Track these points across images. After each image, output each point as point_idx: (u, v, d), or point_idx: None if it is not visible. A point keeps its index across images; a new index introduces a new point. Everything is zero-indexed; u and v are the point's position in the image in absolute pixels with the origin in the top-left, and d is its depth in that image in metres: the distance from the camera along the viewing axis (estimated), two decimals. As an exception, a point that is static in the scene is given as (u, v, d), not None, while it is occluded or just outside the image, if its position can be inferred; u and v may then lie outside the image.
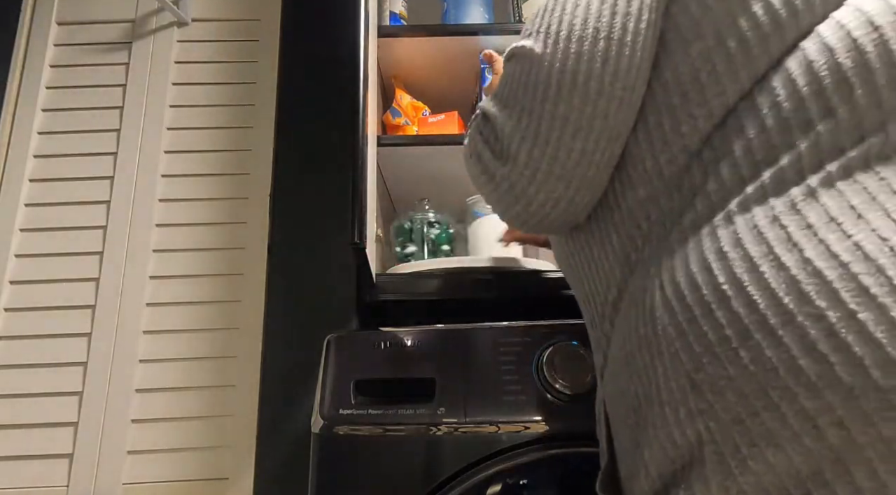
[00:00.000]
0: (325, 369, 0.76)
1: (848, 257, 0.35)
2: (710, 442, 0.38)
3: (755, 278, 0.38)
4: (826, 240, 0.36)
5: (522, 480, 0.68)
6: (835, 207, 0.37)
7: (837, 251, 0.35)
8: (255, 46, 1.36)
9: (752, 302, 0.37)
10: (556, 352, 0.74)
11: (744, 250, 0.39)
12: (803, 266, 0.36)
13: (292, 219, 1.20)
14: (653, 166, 0.47)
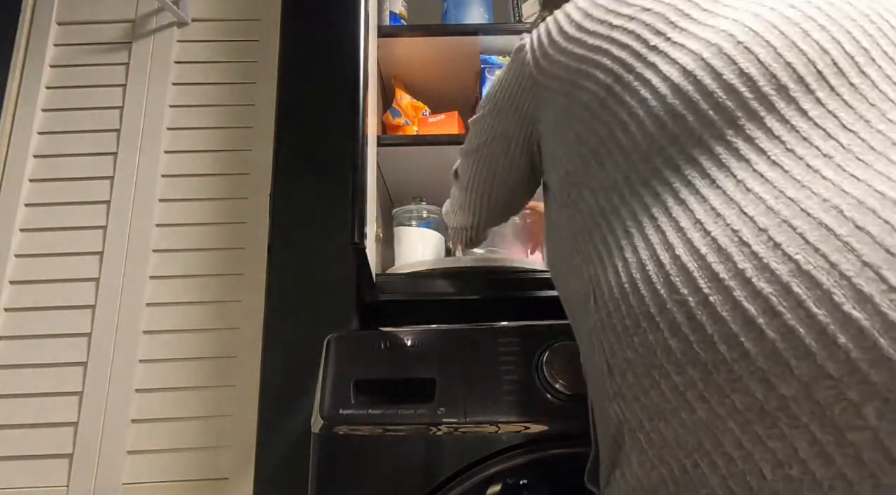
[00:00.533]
0: (325, 369, 0.76)
1: (705, 250, 0.39)
2: (625, 421, 0.43)
3: (643, 276, 0.42)
4: (692, 239, 0.41)
5: (522, 480, 0.68)
6: (699, 210, 0.42)
7: (699, 246, 0.40)
8: (255, 46, 1.36)
9: (640, 295, 0.42)
10: (556, 352, 0.74)
11: (637, 255, 0.44)
12: (673, 261, 0.41)
13: (292, 219, 1.19)
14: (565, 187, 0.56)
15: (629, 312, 0.42)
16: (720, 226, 0.40)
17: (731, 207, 0.40)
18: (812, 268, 0.34)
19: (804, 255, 0.35)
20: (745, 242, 0.38)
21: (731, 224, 0.39)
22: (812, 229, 0.35)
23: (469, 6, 1.25)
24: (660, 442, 0.39)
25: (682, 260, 0.40)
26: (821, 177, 0.37)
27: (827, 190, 0.36)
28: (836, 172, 0.37)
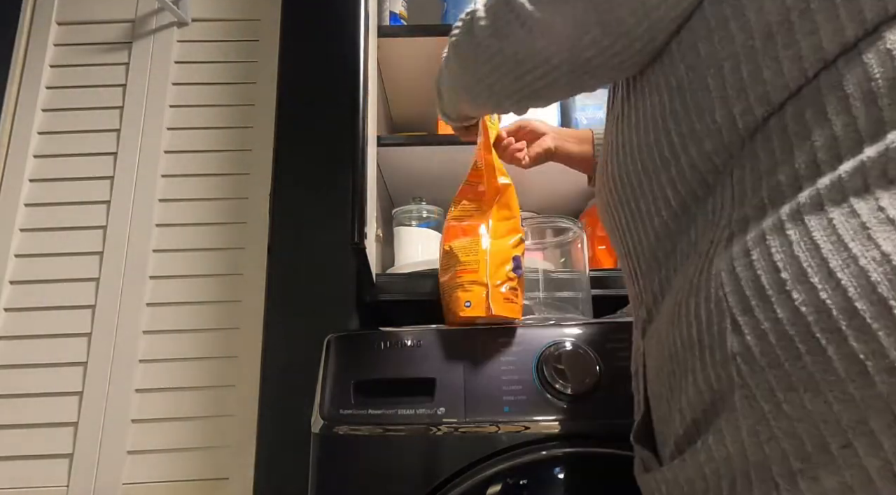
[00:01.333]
0: (325, 369, 0.76)
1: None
2: (741, 386, 0.38)
3: (823, 224, 0.37)
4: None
5: (522, 480, 0.68)
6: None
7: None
8: (255, 46, 1.36)
9: (815, 245, 0.37)
10: (556, 352, 0.74)
11: (820, 198, 0.38)
12: (876, 214, 0.36)
13: (292, 219, 1.19)
14: (723, 117, 0.44)
15: (791, 263, 0.37)
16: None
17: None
18: None
19: None
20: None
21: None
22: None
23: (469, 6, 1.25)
24: (797, 415, 0.35)
25: (887, 213, 0.35)
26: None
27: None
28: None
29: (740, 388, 0.38)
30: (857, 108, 0.38)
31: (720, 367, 0.39)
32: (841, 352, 0.34)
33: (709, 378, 0.40)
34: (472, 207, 0.83)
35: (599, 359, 0.73)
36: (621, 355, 0.74)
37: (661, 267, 0.50)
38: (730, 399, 0.38)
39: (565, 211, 1.37)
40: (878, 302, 0.33)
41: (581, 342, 0.75)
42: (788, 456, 0.35)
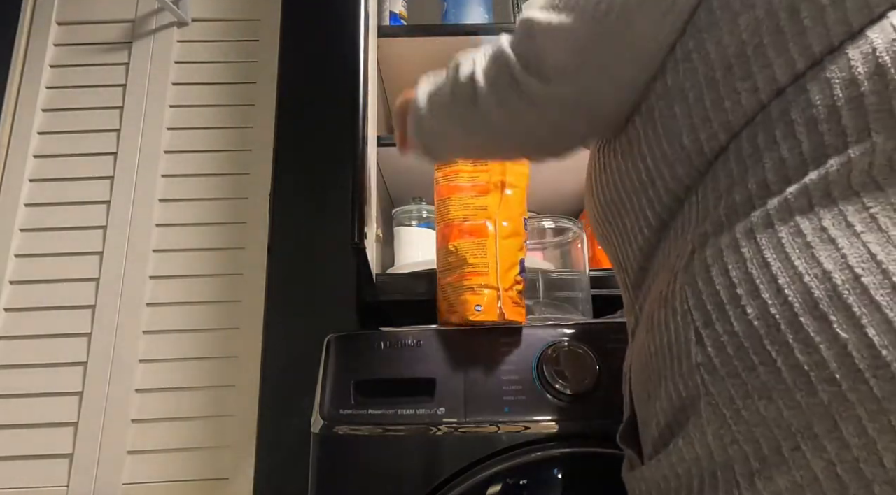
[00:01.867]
0: (325, 369, 0.76)
1: (869, 238, 0.37)
2: (705, 394, 0.41)
3: (773, 242, 0.40)
4: (851, 222, 0.38)
5: (522, 480, 0.68)
6: (867, 196, 0.39)
7: (858, 230, 0.38)
8: (255, 46, 1.36)
9: (765, 263, 0.40)
10: (556, 352, 0.74)
11: (769, 218, 0.41)
12: (819, 234, 0.39)
13: (292, 219, 1.20)
14: (692, 143, 0.47)
15: (745, 280, 0.40)
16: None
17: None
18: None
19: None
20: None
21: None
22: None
23: (469, 6, 1.25)
24: (754, 421, 0.38)
25: (829, 232, 0.38)
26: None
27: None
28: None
29: (705, 396, 0.41)
30: (801, 133, 0.42)
31: (687, 376, 0.43)
32: (788, 363, 0.37)
33: (678, 385, 0.44)
34: (476, 206, 0.83)
35: (599, 359, 0.73)
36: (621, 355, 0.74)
37: (646, 278, 0.54)
38: (697, 405, 0.42)
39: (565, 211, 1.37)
40: (820, 317, 0.36)
41: (581, 342, 0.75)
42: (748, 457, 0.39)
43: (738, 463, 0.39)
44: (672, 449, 0.44)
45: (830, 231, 0.38)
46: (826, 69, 0.41)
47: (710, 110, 0.46)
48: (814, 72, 0.42)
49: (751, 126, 0.44)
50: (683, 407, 0.43)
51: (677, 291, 0.45)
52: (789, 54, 0.43)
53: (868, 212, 0.38)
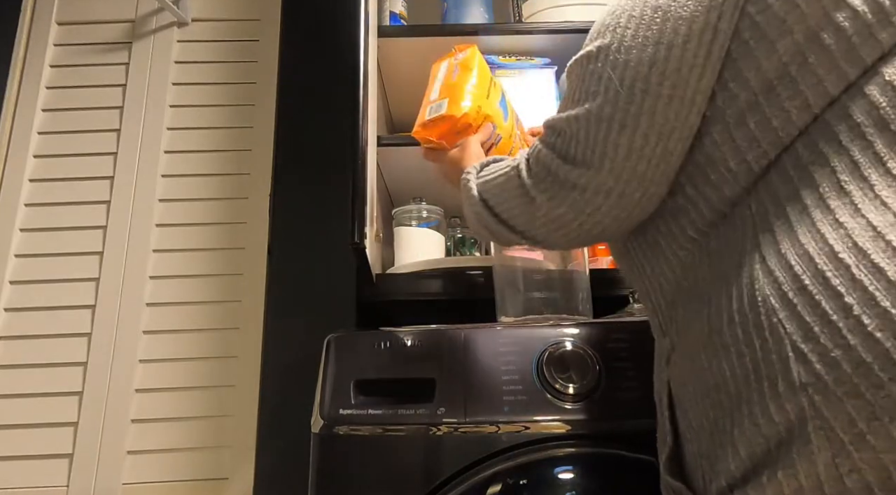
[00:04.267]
0: (325, 369, 0.76)
1: None
2: (814, 417, 0.37)
3: (880, 245, 0.37)
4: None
5: (522, 480, 0.68)
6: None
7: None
8: (255, 46, 1.36)
9: (878, 267, 0.37)
10: (557, 352, 0.74)
11: (865, 219, 0.39)
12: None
13: (292, 219, 1.20)
14: (738, 165, 0.47)
15: (854, 288, 0.37)
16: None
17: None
18: None
19: None
20: None
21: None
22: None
23: (469, 6, 1.24)
24: (884, 446, 0.34)
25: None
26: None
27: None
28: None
29: (814, 419, 0.37)
30: (871, 134, 0.41)
31: (785, 398, 0.38)
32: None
33: (769, 410, 0.40)
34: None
35: (599, 359, 0.73)
36: (621, 355, 0.74)
37: (683, 297, 0.51)
38: (802, 431, 0.37)
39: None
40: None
41: (581, 342, 0.75)
42: (873, 487, 0.35)
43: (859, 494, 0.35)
44: (766, 482, 0.40)
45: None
46: (883, 73, 0.42)
47: (756, 131, 0.46)
48: (868, 76, 0.43)
49: (804, 136, 0.44)
50: (779, 435, 0.39)
51: (759, 304, 0.41)
52: (840, 69, 0.43)
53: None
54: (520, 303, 0.90)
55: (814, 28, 0.44)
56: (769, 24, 0.46)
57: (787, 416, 0.38)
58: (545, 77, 1.17)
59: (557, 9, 1.20)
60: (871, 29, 0.43)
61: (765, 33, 0.46)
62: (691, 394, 0.48)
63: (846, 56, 0.43)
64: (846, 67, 0.43)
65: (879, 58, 0.43)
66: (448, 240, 1.23)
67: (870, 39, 0.43)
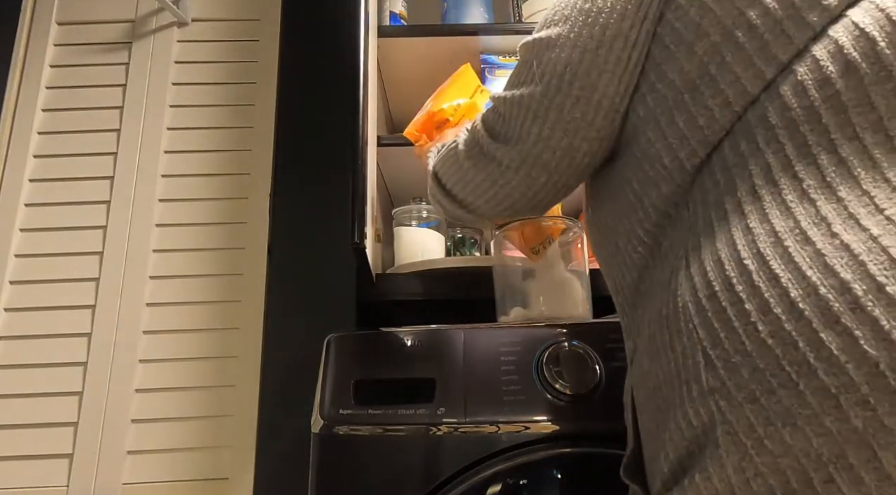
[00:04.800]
0: (325, 369, 0.76)
1: (878, 231, 0.35)
2: (722, 422, 0.37)
3: (779, 252, 0.38)
4: (856, 213, 0.36)
5: (522, 480, 0.68)
6: (868, 182, 0.37)
7: (868, 225, 0.35)
8: (255, 46, 1.36)
9: (774, 275, 0.37)
10: (556, 352, 0.74)
11: (770, 224, 0.39)
12: (829, 240, 0.36)
13: (292, 219, 1.20)
14: (671, 162, 0.48)
15: (753, 294, 0.37)
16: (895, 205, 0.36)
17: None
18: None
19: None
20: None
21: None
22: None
23: (469, 6, 1.25)
24: (779, 450, 0.35)
25: (842, 238, 0.35)
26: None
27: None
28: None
29: (722, 424, 0.38)
30: (783, 136, 0.42)
31: (699, 403, 0.39)
32: (812, 386, 0.34)
33: (688, 414, 0.40)
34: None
35: (599, 359, 0.73)
36: (621, 355, 0.74)
37: (642, 300, 0.52)
38: (713, 435, 0.38)
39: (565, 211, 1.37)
40: (843, 332, 0.33)
41: (581, 342, 0.75)
42: (775, 491, 0.35)
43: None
44: (687, 485, 0.40)
45: (842, 236, 0.36)
46: (796, 72, 0.42)
47: (685, 129, 0.47)
48: (784, 75, 0.43)
49: (730, 136, 0.45)
50: (697, 438, 0.40)
51: (680, 309, 0.42)
52: (756, 67, 0.44)
53: (883, 214, 0.36)
54: (519, 303, 0.90)
55: (729, 27, 0.45)
56: (686, 28, 0.48)
57: (701, 420, 0.39)
58: (545, 77, 1.17)
59: (557, 9, 1.20)
60: (783, 25, 0.43)
61: (682, 37, 0.48)
62: (643, 399, 0.49)
63: (760, 54, 0.44)
64: (761, 65, 0.44)
65: (795, 55, 0.43)
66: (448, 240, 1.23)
67: (782, 36, 0.43)
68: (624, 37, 0.51)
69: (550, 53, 0.55)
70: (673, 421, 0.42)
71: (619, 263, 0.55)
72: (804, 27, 0.42)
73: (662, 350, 0.44)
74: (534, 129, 0.56)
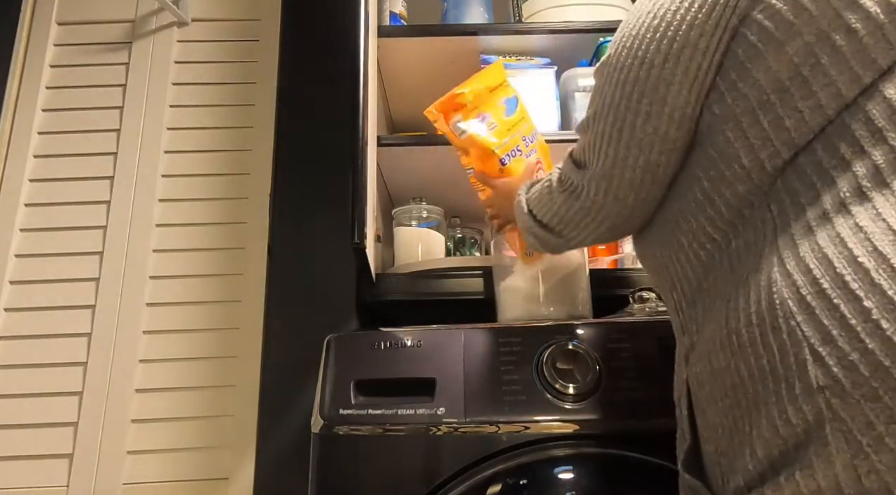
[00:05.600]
0: (325, 369, 0.76)
1: None
2: (832, 420, 0.37)
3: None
4: None
5: (522, 480, 0.68)
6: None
7: None
8: (255, 46, 1.36)
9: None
10: (556, 352, 0.74)
11: (885, 223, 0.39)
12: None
13: (292, 219, 1.19)
14: (751, 162, 0.48)
15: (873, 292, 0.37)
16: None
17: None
18: None
19: None
20: None
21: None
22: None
23: (469, 6, 1.25)
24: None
25: None
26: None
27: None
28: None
29: (832, 422, 0.38)
30: (894, 137, 0.42)
31: (802, 400, 0.39)
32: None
33: (786, 412, 0.40)
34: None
35: (599, 359, 0.73)
36: (621, 355, 0.74)
37: (703, 297, 0.52)
38: (820, 432, 0.38)
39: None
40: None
41: (581, 342, 0.75)
42: (891, 488, 0.35)
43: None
44: (783, 482, 0.40)
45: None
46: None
47: (770, 130, 0.47)
48: (885, 80, 0.43)
49: (821, 138, 0.45)
50: (796, 436, 0.40)
51: (777, 306, 0.42)
52: (853, 71, 0.43)
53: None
54: (519, 303, 0.90)
55: (825, 29, 0.45)
56: (777, 27, 0.47)
57: (804, 418, 0.39)
58: (545, 77, 1.17)
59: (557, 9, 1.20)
60: (884, 30, 0.43)
61: (772, 36, 0.47)
62: (709, 394, 0.49)
63: (858, 57, 0.43)
64: (859, 69, 0.43)
65: (895, 61, 0.43)
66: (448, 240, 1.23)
67: (882, 41, 0.43)
68: (693, 46, 0.50)
69: (619, 75, 0.55)
70: (765, 418, 0.42)
71: (680, 260, 0.55)
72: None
73: (750, 346, 0.44)
74: (610, 151, 0.56)
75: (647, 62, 0.53)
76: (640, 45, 0.53)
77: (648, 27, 0.53)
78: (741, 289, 0.46)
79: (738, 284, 0.47)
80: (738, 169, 0.49)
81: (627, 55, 0.54)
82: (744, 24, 0.49)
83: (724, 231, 0.50)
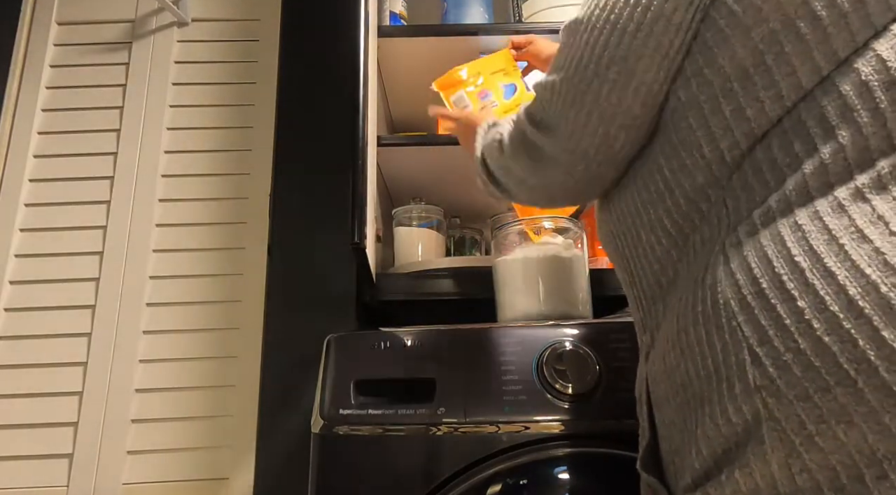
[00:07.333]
0: (325, 369, 0.76)
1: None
2: (768, 419, 0.38)
3: (833, 250, 0.38)
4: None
5: (522, 480, 0.68)
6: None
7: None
8: (255, 46, 1.36)
9: (829, 272, 0.37)
10: (556, 352, 0.74)
11: (822, 222, 0.39)
12: (888, 238, 0.36)
13: (292, 219, 1.19)
14: (711, 152, 0.47)
15: (806, 292, 0.37)
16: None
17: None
18: None
19: None
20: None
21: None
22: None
23: (469, 6, 1.25)
24: (831, 447, 0.35)
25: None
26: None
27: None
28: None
29: (768, 421, 0.38)
30: (844, 137, 0.41)
31: (741, 400, 0.39)
32: (872, 384, 0.34)
33: (727, 411, 0.40)
34: None
35: (599, 359, 0.73)
36: (621, 355, 0.74)
37: (663, 293, 0.52)
38: (757, 432, 0.38)
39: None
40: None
41: (581, 342, 0.75)
42: (822, 487, 0.36)
43: (808, 494, 0.36)
44: (724, 480, 0.41)
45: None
46: (859, 72, 0.41)
47: (731, 119, 0.46)
48: (840, 72, 0.42)
49: (777, 129, 0.44)
50: (736, 435, 0.40)
51: (721, 306, 0.42)
52: (814, 61, 0.43)
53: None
54: (519, 303, 0.90)
55: (791, 17, 0.44)
56: (745, 11, 0.46)
57: (743, 417, 0.39)
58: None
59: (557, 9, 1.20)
60: (848, 19, 0.42)
61: (740, 21, 0.46)
62: (664, 392, 0.49)
63: (820, 47, 0.43)
64: (820, 60, 0.43)
65: (853, 52, 0.42)
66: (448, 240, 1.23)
67: (845, 31, 0.42)
68: (666, 19, 0.49)
69: (589, 35, 0.53)
70: (709, 417, 0.42)
71: (638, 255, 0.55)
72: (867, 24, 0.42)
73: (697, 345, 0.44)
74: (570, 114, 0.54)
75: (619, 28, 0.50)
76: (614, 8, 0.51)
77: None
78: (694, 287, 0.46)
79: (691, 282, 0.47)
80: (698, 158, 0.48)
81: (599, 17, 0.52)
82: (714, 6, 0.48)
83: (680, 225, 0.50)
